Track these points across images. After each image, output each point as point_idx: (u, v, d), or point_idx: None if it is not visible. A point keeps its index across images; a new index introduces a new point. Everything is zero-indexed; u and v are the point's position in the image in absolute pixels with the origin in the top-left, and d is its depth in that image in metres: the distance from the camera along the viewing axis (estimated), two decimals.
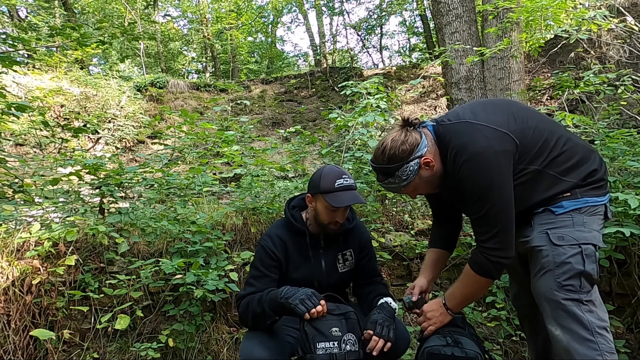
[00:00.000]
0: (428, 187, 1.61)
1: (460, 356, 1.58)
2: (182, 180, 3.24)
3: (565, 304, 1.39)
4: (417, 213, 3.30)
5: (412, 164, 1.51)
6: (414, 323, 2.69)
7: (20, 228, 2.45)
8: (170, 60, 18.99)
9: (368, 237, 1.95)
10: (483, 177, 1.42)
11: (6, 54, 3.43)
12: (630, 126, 4.06)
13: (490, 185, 1.42)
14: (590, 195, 1.47)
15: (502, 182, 1.43)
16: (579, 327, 1.37)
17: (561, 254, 1.42)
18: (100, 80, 10.57)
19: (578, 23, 3.69)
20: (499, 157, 1.42)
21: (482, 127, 1.46)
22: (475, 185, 1.43)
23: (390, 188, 1.60)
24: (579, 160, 1.48)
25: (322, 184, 1.69)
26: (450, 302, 1.64)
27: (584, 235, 1.43)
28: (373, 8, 20.94)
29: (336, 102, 11.15)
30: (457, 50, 5.86)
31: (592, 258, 1.42)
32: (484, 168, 1.42)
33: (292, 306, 1.53)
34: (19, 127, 7.30)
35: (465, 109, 1.58)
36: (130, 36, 4.59)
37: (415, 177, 1.54)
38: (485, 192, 1.43)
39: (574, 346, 1.37)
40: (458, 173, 1.47)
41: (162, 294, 2.43)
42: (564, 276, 1.41)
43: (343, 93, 3.89)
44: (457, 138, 1.48)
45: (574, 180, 1.46)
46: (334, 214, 1.70)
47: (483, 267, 1.50)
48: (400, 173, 1.52)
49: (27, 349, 2.21)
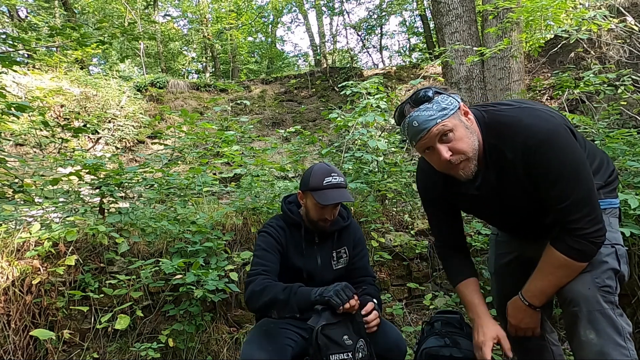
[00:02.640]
0: (467, 143, 1.30)
1: (459, 357, 1.58)
2: (182, 180, 3.24)
3: (603, 307, 1.32)
4: (417, 213, 3.30)
5: (453, 98, 1.32)
6: (414, 323, 2.69)
7: (20, 228, 2.45)
8: (170, 60, 18.98)
9: (362, 236, 1.96)
10: (567, 155, 1.26)
11: (6, 54, 3.43)
12: (630, 126, 4.06)
13: (576, 162, 1.26)
14: (611, 196, 1.43)
15: (582, 156, 1.29)
16: (614, 331, 1.32)
17: (598, 254, 1.34)
18: (100, 80, 10.56)
19: (578, 23, 3.69)
20: (569, 134, 1.29)
21: (538, 109, 1.33)
22: (562, 165, 1.25)
23: (425, 118, 1.28)
24: (600, 162, 1.44)
25: (311, 181, 1.72)
26: (537, 300, 1.42)
27: (614, 235, 1.38)
28: (373, 8, 20.92)
29: (336, 102, 11.15)
30: (457, 50, 5.86)
31: (625, 259, 1.38)
32: (564, 146, 1.26)
33: (327, 299, 1.52)
34: (19, 127, 7.29)
35: (498, 102, 1.45)
36: (130, 36, 4.59)
37: (456, 114, 1.30)
38: (573, 172, 1.26)
39: (608, 351, 1.30)
40: (532, 159, 1.27)
41: (162, 294, 2.43)
42: (603, 276, 1.34)
43: (343, 93, 3.89)
44: (517, 122, 1.30)
45: (600, 182, 1.41)
46: (323, 211, 1.73)
47: (585, 252, 1.30)
48: (440, 99, 1.30)
49: (27, 349, 2.21)
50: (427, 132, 1.28)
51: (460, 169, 1.34)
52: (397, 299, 2.83)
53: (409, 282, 2.86)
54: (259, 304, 1.63)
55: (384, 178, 3.38)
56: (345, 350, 1.49)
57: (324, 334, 1.49)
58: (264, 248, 1.76)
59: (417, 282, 2.86)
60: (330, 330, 1.51)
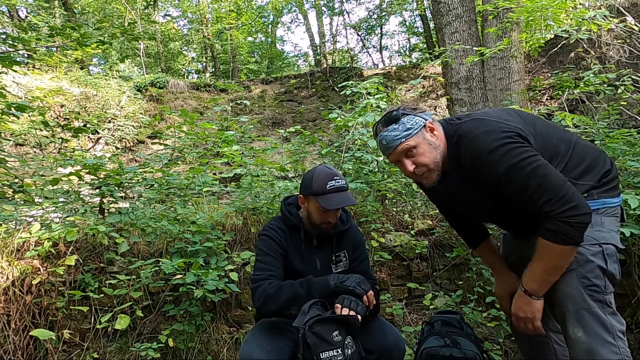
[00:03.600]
0: (429, 157, 1.49)
1: (459, 357, 1.58)
2: (182, 180, 3.24)
3: (590, 305, 1.36)
4: (417, 213, 3.30)
5: (419, 118, 1.50)
6: (414, 323, 2.69)
7: (20, 228, 2.45)
8: (170, 60, 18.98)
9: (361, 239, 1.95)
10: (511, 159, 1.34)
11: (6, 54, 3.43)
12: (630, 126, 4.06)
13: (523, 162, 1.34)
14: (607, 196, 1.45)
15: (530, 156, 1.35)
16: (602, 330, 1.35)
17: (582, 253, 1.38)
18: (100, 80, 10.57)
19: (578, 23, 3.69)
20: (516, 141, 1.37)
21: (488, 121, 1.44)
22: (509, 168, 1.35)
23: (391, 137, 1.50)
24: (591, 163, 1.46)
25: (314, 185, 1.71)
26: (530, 285, 1.45)
27: (603, 235, 1.41)
28: (373, 8, 20.94)
29: (336, 102, 11.15)
30: (457, 50, 5.86)
31: (614, 258, 1.40)
32: (506, 152, 1.35)
33: (351, 288, 1.59)
34: (19, 127, 7.30)
35: (475, 112, 1.59)
36: (130, 36, 4.58)
37: (420, 133, 1.49)
38: (522, 169, 1.34)
39: (596, 349, 1.34)
40: (478, 166, 1.41)
41: (162, 294, 2.43)
42: (589, 275, 1.37)
43: (343, 93, 3.89)
44: (467, 134, 1.44)
45: (591, 183, 1.44)
46: (326, 215, 1.73)
47: (559, 232, 1.33)
48: (406, 120, 1.49)
49: (27, 349, 2.21)
50: (393, 149, 1.51)
51: (424, 178, 1.55)
52: (397, 299, 2.83)
53: (409, 282, 2.86)
54: (278, 304, 1.63)
55: (384, 178, 3.38)
56: (335, 347, 1.49)
57: (314, 332, 1.49)
58: (267, 252, 1.75)
59: (417, 282, 2.86)
60: (319, 328, 1.50)
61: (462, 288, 2.85)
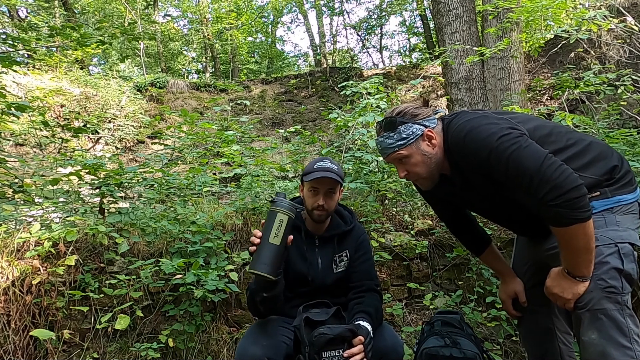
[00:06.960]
0: (422, 167, 1.53)
1: (459, 357, 1.58)
2: (182, 180, 3.24)
3: (607, 308, 1.32)
4: (417, 213, 3.30)
5: (417, 127, 1.51)
6: (414, 323, 2.69)
7: (20, 228, 2.45)
8: (170, 60, 18.99)
9: (366, 240, 1.93)
10: (504, 154, 1.33)
11: (6, 54, 3.43)
12: (630, 126, 4.07)
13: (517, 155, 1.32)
14: (621, 193, 1.40)
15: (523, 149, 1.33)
16: (618, 333, 1.31)
17: (597, 255, 1.33)
18: (100, 80, 10.56)
19: (578, 23, 3.69)
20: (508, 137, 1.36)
21: (482, 122, 1.43)
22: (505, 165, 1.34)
23: (386, 145, 1.53)
24: (595, 157, 1.43)
25: (305, 170, 1.79)
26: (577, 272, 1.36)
27: (619, 234, 1.36)
28: (373, 8, 20.95)
29: (336, 102, 11.15)
30: (457, 50, 5.86)
31: (631, 257, 1.36)
32: (500, 150, 1.34)
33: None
34: (19, 127, 7.29)
35: (476, 110, 1.59)
36: (130, 36, 4.58)
37: (415, 143, 1.50)
38: (514, 162, 1.32)
39: (609, 351, 1.30)
40: (472, 164, 1.43)
41: (162, 294, 2.43)
42: (605, 276, 1.33)
43: (343, 93, 3.89)
44: (461, 135, 1.45)
45: (595, 177, 1.40)
46: (316, 197, 1.74)
47: (557, 215, 1.29)
48: (403, 129, 1.50)
49: (27, 349, 2.21)
50: (387, 155, 1.57)
51: (418, 183, 1.62)
52: (397, 299, 2.83)
53: (409, 282, 2.86)
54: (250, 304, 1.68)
55: (384, 178, 3.38)
56: (336, 347, 1.48)
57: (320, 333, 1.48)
58: None
59: (417, 282, 2.86)
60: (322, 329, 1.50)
61: (462, 288, 2.85)
